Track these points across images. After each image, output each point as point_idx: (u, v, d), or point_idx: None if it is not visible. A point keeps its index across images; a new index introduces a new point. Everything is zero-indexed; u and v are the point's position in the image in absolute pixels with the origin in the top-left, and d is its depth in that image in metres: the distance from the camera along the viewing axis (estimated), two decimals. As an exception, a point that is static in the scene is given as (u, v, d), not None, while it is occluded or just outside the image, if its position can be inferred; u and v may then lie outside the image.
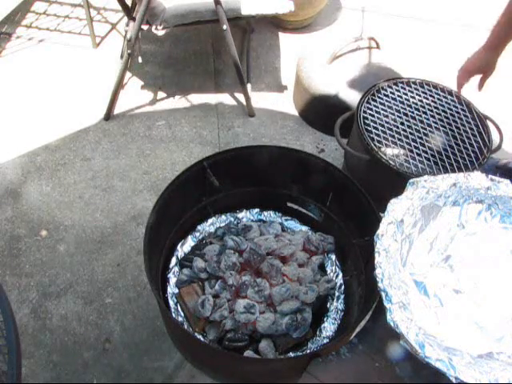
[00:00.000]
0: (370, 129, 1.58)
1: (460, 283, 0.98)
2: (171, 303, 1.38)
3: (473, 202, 1.03)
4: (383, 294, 0.86)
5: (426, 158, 1.53)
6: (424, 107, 1.68)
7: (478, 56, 1.55)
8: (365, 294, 1.27)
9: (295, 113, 2.26)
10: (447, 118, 1.64)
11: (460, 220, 1.03)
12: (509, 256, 1.00)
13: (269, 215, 1.60)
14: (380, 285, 0.87)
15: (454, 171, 1.48)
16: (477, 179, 1.03)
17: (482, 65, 1.55)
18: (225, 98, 2.31)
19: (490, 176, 1.03)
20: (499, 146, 1.58)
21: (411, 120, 1.63)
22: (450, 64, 1.74)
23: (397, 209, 0.97)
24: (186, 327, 1.32)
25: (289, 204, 1.57)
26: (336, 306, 1.41)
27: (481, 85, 1.60)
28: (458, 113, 1.66)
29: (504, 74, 2.33)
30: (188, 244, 1.51)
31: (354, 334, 1.05)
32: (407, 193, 1.00)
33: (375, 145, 1.54)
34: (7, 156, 2.02)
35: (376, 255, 0.91)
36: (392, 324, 0.83)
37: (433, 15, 2.83)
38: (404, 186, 1.01)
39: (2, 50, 2.49)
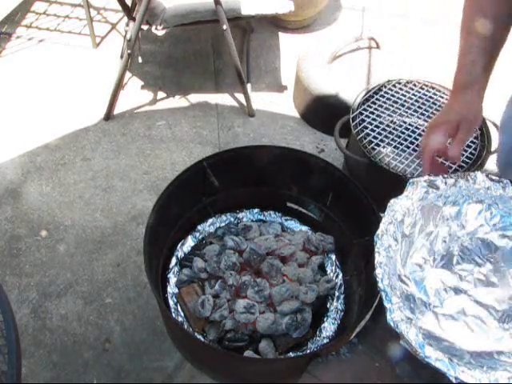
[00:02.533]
0: (368, 132, 1.58)
1: (460, 283, 0.98)
2: (171, 303, 1.38)
3: (473, 201, 1.02)
4: (383, 294, 0.86)
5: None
6: (423, 108, 1.68)
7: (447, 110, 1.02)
8: (365, 294, 1.27)
9: (295, 113, 2.26)
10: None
11: (460, 220, 1.03)
12: (509, 256, 1.00)
13: (269, 215, 1.60)
14: (380, 285, 0.87)
15: (453, 172, 1.48)
16: (477, 179, 1.03)
17: (457, 118, 0.98)
18: (225, 98, 2.31)
19: (489, 176, 1.03)
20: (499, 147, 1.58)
21: (410, 121, 1.63)
22: (450, 64, 1.74)
23: (397, 209, 0.97)
24: (185, 327, 1.32)
25: (289, 204, 1.57)
26: (336, 306, 1.41)
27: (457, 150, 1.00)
28: (457, 113, 1.65)
29: (504, 73, 2.33)
30: (188, 244, 1.51)
31: (354, 334, 1.05)
32: (407, 193, 1.00)
33: (374, 148, 1.54)
34: (7, 156, 2.02)
35: (376, 255, 0.91)
36: (392, 324, 0.83)
37: (433, 15, 2.83)
38: (403, 187, 1.01)
39: (1, 50, 2.49)
